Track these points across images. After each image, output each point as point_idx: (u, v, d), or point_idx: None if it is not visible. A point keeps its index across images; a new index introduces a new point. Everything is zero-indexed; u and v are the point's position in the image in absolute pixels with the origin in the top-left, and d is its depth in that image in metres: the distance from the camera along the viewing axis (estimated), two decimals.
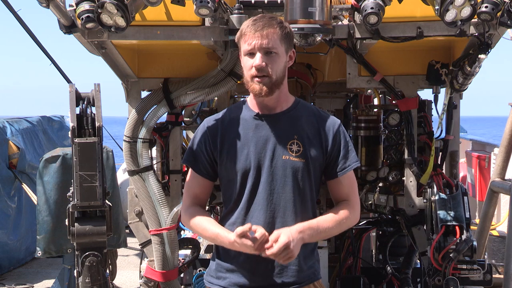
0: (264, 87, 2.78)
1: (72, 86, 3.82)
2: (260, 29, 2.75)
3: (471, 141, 11.04)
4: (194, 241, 4.55)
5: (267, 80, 2.78)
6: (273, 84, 2.80)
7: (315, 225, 2.82)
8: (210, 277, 2.99)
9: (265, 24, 2.77)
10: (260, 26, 2.76)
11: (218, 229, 2.84)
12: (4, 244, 8.31)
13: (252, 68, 2.77)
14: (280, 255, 2.68)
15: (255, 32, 2.75)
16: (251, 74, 2.79)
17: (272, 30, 2.76)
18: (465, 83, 3.83)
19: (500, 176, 5.64)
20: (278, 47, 2.78)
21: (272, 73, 2.78)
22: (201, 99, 4.07)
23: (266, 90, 2.79)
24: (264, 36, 2.75)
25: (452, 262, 3.66)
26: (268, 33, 2.75)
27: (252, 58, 2.78)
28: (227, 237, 2.77)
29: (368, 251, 5.48)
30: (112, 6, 3.11)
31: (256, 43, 2.75)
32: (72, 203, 3.72)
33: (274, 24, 2.78)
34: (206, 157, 2.93)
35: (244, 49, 2.80)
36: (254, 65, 2.76)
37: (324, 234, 2.87)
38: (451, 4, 3.12)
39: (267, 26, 2.76)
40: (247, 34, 2.77)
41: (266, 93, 2.80)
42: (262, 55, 2.76)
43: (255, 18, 2.82)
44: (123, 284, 7.39)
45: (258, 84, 2.78)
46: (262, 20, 2.79)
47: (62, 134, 10.08)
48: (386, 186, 4.43)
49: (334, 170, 2.93)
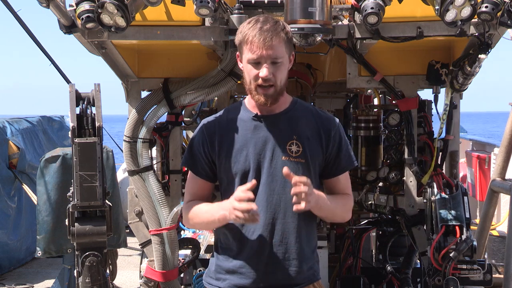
0: (270, 99, 2.79)
1: (72, 86, 3.82)
2: (268, 40, 2.70)
3: (471, 141, 11.04)
4: (194, 241, 4.56)
5: (272, 91, 2.77)
6: (278, 93, 2.80)
7: (323, 194, 2.82)
8: (209, 278, 2.99)
9: (272, 34, 2.71)
10: (268, 36, 2.70)
11: (210, 205, 2.88)
12: (4, 244, 8.31)
13: (258, 78, 2.75)
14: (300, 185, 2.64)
15: (264, 43, 2.70)
16: (256, 83, 2.77)
17: (278, 40, 2.72)
18: (465, 83, 3.83)
19: (500, 176, 5.64)
20: (283, 55, 2.77)
21: (277, 82, 2.77)
22: (201, 99, 4.07)
23: (271, 101, 2.80)
24: (271, 47, 2.71)
25: (452, 262, 3.66)
26: (275, 43, 2.71)
27: (257, 68, 2.74)
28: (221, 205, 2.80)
29: (368, 251, 5.47)
30: (112, 6, 3.10)
31: (263, 54, 2.71)
32: (72, 203, 3.71)
33: (280, 32, 2.74)
34: (204, 159, 2.92)
35: (249, 57, 2.75)
36: (261, 76, 2.74)
37: (330, 207, 2.84)
38: (451, 4, 3.12)
39: (274, 36, 2.71)
40: (254, 43, 2.71)
41: (271, 104, 2.81)
42: (269, 66, 2.74)
43: (260, 24, 2.74)
44: (123, 284, 7.40)
45: (264, 96, 2.78)
46: (268, 29, 2.71)
47: (62, 134, 10.08)
48: (386, 186, 4.43)
49: (332, 170, 2.94)
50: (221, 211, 2.78)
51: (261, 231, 2.83)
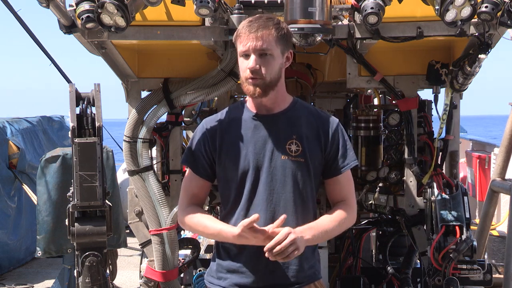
0: (258, 89, 2.79)
1: (72, 86, 3.82)
2: (254, 31, 2.74)
3: (471, 141, 11.03)
4: (194, 241, 4.55)
5: (260, 82, 2.78)
6: (267, 86, 2.80)
7: (314, 226, 2.82)
8: (210, 278, 2.99)
9: (260, 25, 2.76)
10: (255, 27, 2.75)
11: (221, 225, 2.85)
12: (4, 244, 8.31)
13: (246, 70, 2.77)
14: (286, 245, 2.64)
15: (250, 33, 2.75)
16: (245, 76, 2.79)
17: (267, 32, 2.75)
18: (465, 83, 3.83)
19: (500, 176, 5.64)
20: (273, 49, 2.77)
21: (266, 76, 2.77)
22: (201, 99, 4.07)
23: (260, 91, 2.79)
24: (258, 38, 2.74)
25: (452, 262, 3.66)
26: (263, 35, 2.74)
27: (247, 60, 2.77)
28: (231, 232, 2.75)
29: (368, 251, 5.48)
30: (112, 6, 3.10)
31: (250, 45, 2.75)
32: (72, 203, 3.72)
33: (270, 26, 2.77)
34: (205, 158, 2.93)
35: (240, 50, 2.79)
36: (247, 67, 2.76)
37: (324, 234, 2.86)
38: (451, 4, 3.12)
39: (262, 28, 2.75)
40: (242, 35, 2.77)
41: (259, 94, 2.80)
42: (256, 57, 2.76)
43: (251, 19, 2.81)
44: (123, 284, 7.40)
45: (252, 86, 2.78)
46: (258, 21, 2.78)
47: (62, 134, 10.09)
48: (386, 186, 4.43)
49: (332, 169, 2.94)
50: (231, 238, 2.79)
51: None
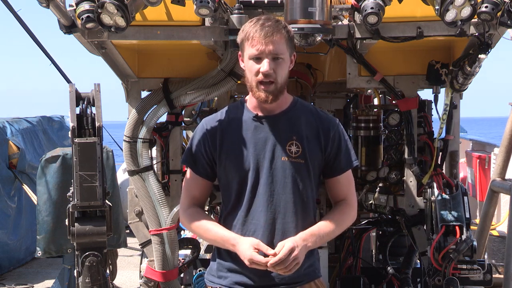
0: (270, 96, 2.79)
1: (72, 86, 3.82)
2: (269, 35, 2.73)
3: (471, 141, 11.03)
4: (194, 241, 4.55)
5: (273, 87, 2.78)
6: (279, 91, 2.81)
7: (316, 231, 2.84)
8: (211, 277, 2.99)
9: (273, 29, 2.75)
10: (269, 32, 2.74)
11: (223, 232, 2.86)
12: (4, 244, 8.31)
13: (258, 73, 2.77)
14: (287, 261, 2.70)
15: (265, 37, 2.73)
16: (257, 79, 2.78)
17: (279, 36, 2.76)
18: (465, 83, 3.82)
19: (500, 176, 5.64)
20: (284, 53, 2.79)
21: (278, 79, 2.78)
22: (201, 99, 4.07)
23: (272, 98, 2.80)
24: (273, 42, 2.74)
25: (452, 262, 3.66)
26: (276, 39, 2.74)
27: (258, 63, 2.76)
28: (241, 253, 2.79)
29: (368, 251, 5.48)
30: (112, 6, 3.10)
31: (264, 49, 2.74)
32: (72, 203, 3.71)
33: (281, 29, 2.77)
34: (205, 158, 2.93)
35: (250, 53, 2.77)
36: (261, 71, 2.75)
37: (327, 237, 2.89)
38: (451, 4, 3.12)
39: (275, 32, 2.75)
40: (255, 38, 2.75)
41: (271, 100, 2.81)
42: (270, 61, 2.75)
43: (261, 21, 2.78)
44: (123, 284, 7.40)
45: (264, 93, 2.78)
46: (270, 25, 2.76)
47: (62, 134, 10.09)
48: (386, 186, 4.42)
49: (332, 169, 2.94)
50: (232, 248, 2.82)
51: (262, 231, 2.84)
